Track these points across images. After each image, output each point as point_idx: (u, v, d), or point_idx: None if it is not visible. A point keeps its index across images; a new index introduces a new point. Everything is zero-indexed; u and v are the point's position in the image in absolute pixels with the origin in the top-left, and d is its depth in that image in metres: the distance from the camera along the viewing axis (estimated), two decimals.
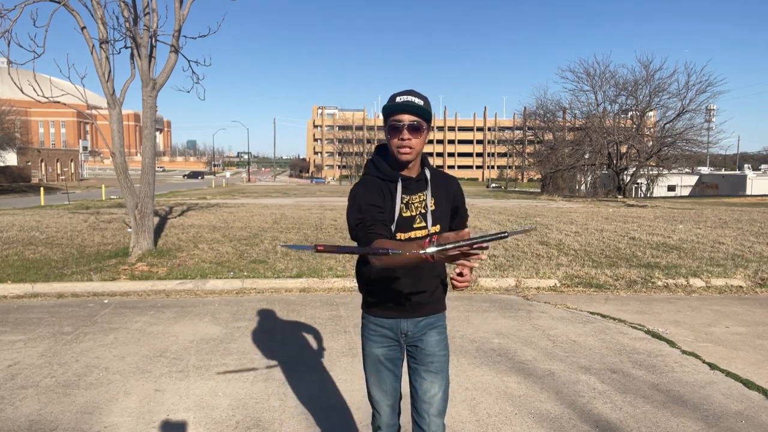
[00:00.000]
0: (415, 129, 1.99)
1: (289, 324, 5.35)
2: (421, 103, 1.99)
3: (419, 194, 2.11)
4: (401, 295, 2.13)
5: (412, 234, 2.08)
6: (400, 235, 2.04)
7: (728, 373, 4.10)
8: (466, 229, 2.14)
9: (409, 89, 2.07)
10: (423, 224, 2.10)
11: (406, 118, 1.98)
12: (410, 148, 2.00)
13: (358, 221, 1.97)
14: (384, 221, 1.98)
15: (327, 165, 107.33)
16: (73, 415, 3.35)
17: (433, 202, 2.13)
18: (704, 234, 11.48)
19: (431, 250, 1.57)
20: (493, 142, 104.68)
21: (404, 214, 2.08)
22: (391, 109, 2.02)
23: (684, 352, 4.61)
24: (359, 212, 1.99)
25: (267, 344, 4.76)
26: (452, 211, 2.26)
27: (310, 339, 4.88)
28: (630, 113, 38.13)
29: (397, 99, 2.00)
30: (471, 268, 2.19)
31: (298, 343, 4.76)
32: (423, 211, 2.10)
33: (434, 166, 2.25)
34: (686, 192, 47.76)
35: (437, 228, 2.13)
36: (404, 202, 2.08)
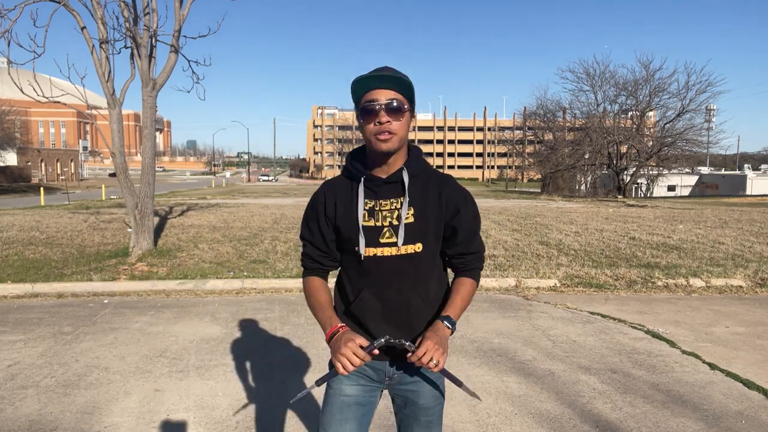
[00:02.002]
0: (395, 110, 1.56)
1: (289, 324, 5.35)
2: (401, 77, 1.59)
3: (390, 200, 1.66)
4: (384, 333, 1.68)
5: (379, 251, 1.65)
6: (367, 251, 1.66)
7: (728, 373, 4.10)
8: (466, 286, 1.76)
9: (384, 66, 1.62)
10: (393, 239, 1.65)
11: (383, 96, 1.56)
12: (390, 133, 1.57)
13: (301, 239, 1.82)
14: (316, 256, 1.76)
15: (327, 165, 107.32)
16: (73, 415, 3.35)
17: (411, 212, 1.65)
18: (704, 234, 11.48)
19: (346, 340, 1.56)
20: (493, 142, 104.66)
21: (366, 223, 1.65)
22: (362, 86, 1.58)
23: (684, 352, 4.61)
24: (306, 228, 1.79)
25: (267, 344, 4.77)
26: (450, 230, 1.73)
27: (310, 339, 4.88)
28: (630, 113, 38.11)
29: (371, 74, 1.60)
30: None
31: (298, 343, 4.76)
32: (395, 222, 1.65)
33: (431, 166, 1.78)
34: (686, 192, 47.74)
35: (417, 247, 1.66)
36: (367, 207, 1.66)
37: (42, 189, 29.24)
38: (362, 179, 1.67)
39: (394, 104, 1.56)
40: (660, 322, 5.54)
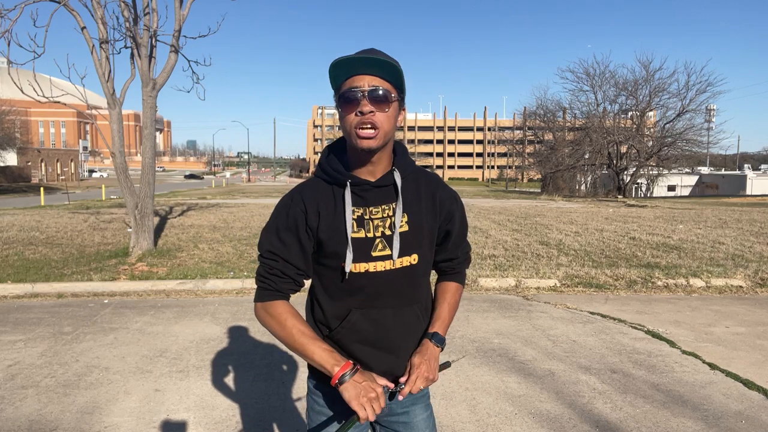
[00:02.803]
0: (380, 99, 1.33)
1: None
2: (388, 60, 1.34)
3: (382, 206, 1.44)
4: (377, 359, 1.49)
5: (371, 267, 1.43)
6: (357, 267, 1.43)
7: (728, 373, 4.10)
8: (452, 292, 1.63)
9: (370, 48, 1.40)
10: (387, 252, 1.43)
11: (367, 82, 1.32)
12: (374, 127, 1.33)
13: (266, 254, 1.46)
14: (291, 274, 1.45)
15: None
16: (74, 415, 3.35)
17: (405, 219, 1.45)
18: (704, 234, 11.48)
19: (348, 379, 1.34)
20: (493, 142, 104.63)
21: (356, 235, 1.42)
22: (342, 71, 1.34)
23: (684, 352, 4.61)
24: (276, 239, 1.45)
25: (267, 344, 4.77)
26: (442, 235, 1.58)
27: None
28: (630, 113, 38.12)
29: (353, 56, 1.36)
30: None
31: None
32: (388, 232, 1.44)
33: (420, 166, 1.58)
34: (686, 192, 47.76)
35: (413, 259, 1.47)
36: (355, 216, 1.42)
37: (42, 189, 29.24)
38: (348, 183, 1.42)
39: (380, 92, 1.32)
40: (660, 322, 5.53)
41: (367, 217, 1.43)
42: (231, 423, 3.30)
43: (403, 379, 1.48)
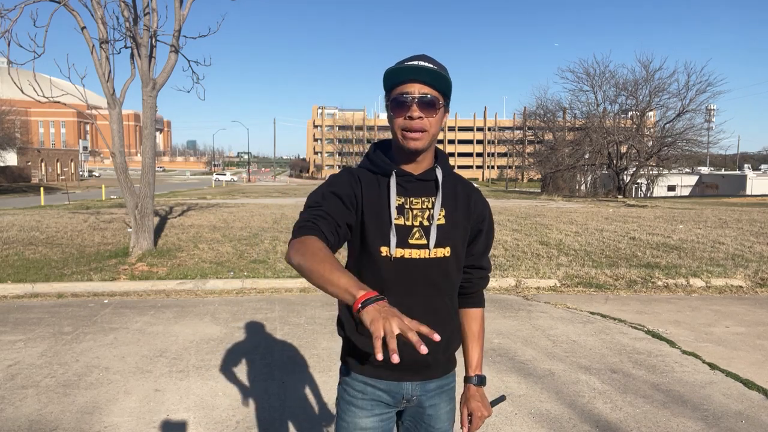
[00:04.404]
0: (428, 104, 1.43)
1: (289, 324, 5.35)
2: (437, 70, 1.44)
3: (422, 198, 1.53)
4: (407, 348, 1.29)
5: (407, 253, 1.49)
6: (396, 252, 1.49)
7: (728, 373, 4.11)
8: (478, 321, 1.68)
9: (422, 54, 1.49)
10: (424, 241, 1.51)
11: (417, 89, 1.42)
12: (421, 130, 1.44)
13: (312, 204, 1.47)
14: (333, 221, 1.43)
15: (327, 165, 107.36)
16: (74, 415, 3.35)
17: (443, 213, 1.54)
18: (704, 234, 11.48)
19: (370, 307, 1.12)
20: (493, 142, 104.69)
21: (396, 222, 1.50)
22: (395, 77, 1.45)
23: (684, 352, 4.62)
24: (321, 198, 1.48)
25: (267, 344, 4.77)
26: (472, 236, 1.63)
27: (310, 339, 4.88)
28: (630, 113, 38.10)
29: (406, 64, 1.46)
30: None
31: (298, 343, 4.76)
32: (426, 223, 1.51)
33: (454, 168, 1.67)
34: (686, 192, 47.74)
35: (447, 251, 1.53)
36: (397, 204, 1.51)
37: (42, 189, 29.24)
38: (393, 173, 1.51)
39: (428, 98, 1.42)
40: (660, 322, 5.54)
41: (407, 206, 1.51)
42: (231, 423, 3.30)
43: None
